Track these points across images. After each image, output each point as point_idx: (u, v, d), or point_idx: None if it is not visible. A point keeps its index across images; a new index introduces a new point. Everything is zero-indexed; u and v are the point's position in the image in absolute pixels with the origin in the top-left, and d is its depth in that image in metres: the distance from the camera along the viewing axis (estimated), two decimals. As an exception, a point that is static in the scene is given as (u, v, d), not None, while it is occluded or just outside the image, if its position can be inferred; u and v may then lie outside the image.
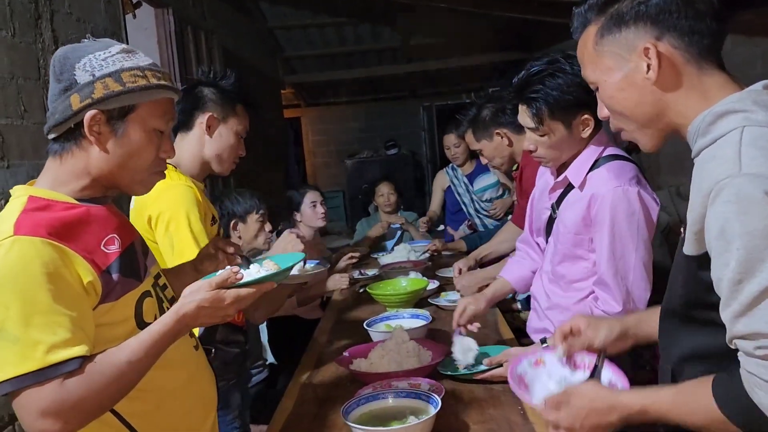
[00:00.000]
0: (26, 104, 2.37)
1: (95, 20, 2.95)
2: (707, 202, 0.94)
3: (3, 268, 1.08)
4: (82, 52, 1.21)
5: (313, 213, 3.42)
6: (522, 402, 1.66)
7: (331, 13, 6.44)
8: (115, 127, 1.21)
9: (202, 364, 1.47)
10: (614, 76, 1.10)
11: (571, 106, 1.73)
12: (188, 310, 1.17)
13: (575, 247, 1.82)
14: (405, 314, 2.37)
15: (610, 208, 1.69)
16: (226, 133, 1.98)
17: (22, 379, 1.05)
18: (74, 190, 1.24)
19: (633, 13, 1.06)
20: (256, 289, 1.22)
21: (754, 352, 0.90)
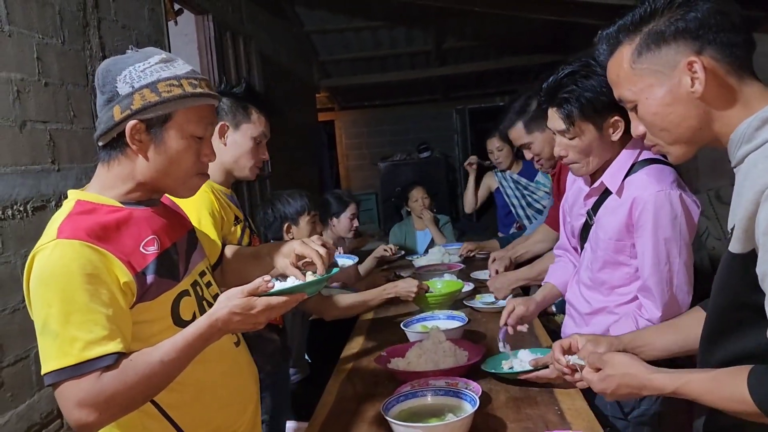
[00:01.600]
0: (75, 110, 2.46)
1: (140, 27, 3.04)
2: (760, 199, 0.96)
3: (46, 269, 1.17)
4: (123, 64, 1.28)
5: (349, 225, 3.49)
6: (559, 402, 1.68)
7: (367, 17, 6.50)
8: (154, 135, 1.28)
9: (243, 360, 1.52)
10: (657, 93, 1.11)
11: (603, 107, 1.72)
12: (221, 315, 1.23)
13: (617, 254, 1.81)
14: (441, 315, 2.40)
15: (653, 212, 1.68)
16: (240, 139, 2.03)
17: (61, 372, 1.14)
18: (120, 193, 1.32)
19: (672, 30, 1.08)
20: (288, 299, 1.25)
21: None
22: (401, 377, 1.83)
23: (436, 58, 7.79)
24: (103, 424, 1.19)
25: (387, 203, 8.68)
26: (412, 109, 9.60)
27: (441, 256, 3.75)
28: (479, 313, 2.64)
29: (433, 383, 1.69)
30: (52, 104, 2.32)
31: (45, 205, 2.23)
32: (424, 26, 6.91)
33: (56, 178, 2.31)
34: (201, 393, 1.36)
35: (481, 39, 7.41)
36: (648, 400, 1.82)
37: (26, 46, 2.19)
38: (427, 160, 9.11)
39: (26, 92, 2.17)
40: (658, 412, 1.83)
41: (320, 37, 7.06)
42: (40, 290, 1.18)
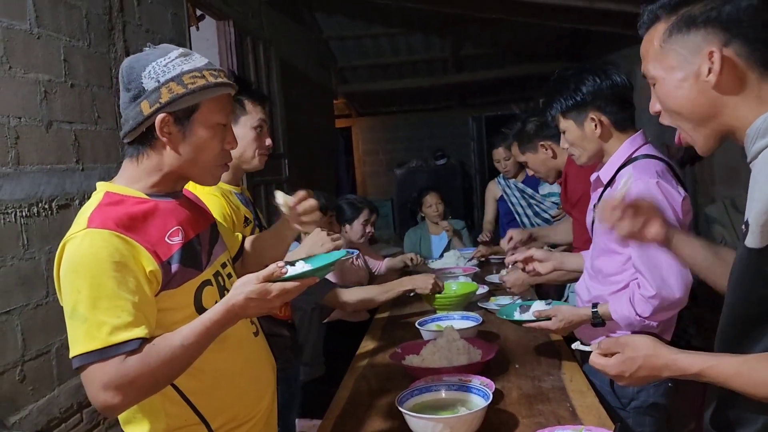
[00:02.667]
0: (99, 111, 2.52)
1: (163, 31, 3.11)
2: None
3: (76, 257, 1.22)
4: (145, 60, 1.33)
5: (362, 231, 3.52)
6: (571, 399, 1.70)
7: (385, 24, 6.55)
8: (183, 126, 1.33)
9: (261, 350, 1.56)
10: (675, 75, 1.14)
11: (576, 107, 1.95)
12: (237, 301, 1.26)
13: (609, 242, 1.90)
14: (455, 315, 2.43)
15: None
16: (241, 132, 2.04)
17: (88, 355, 1.18)
18: (147, 185, 1.36)
19: (704, 17, 1.10)
20: (300, 283, 1.30)
21: None
22: (415, 374, 1.86)
23: (453, 65, 7.83)
24: (127, 406, 1.24)
25: (402, 209, 8.70)
26: (429, 115, 9.64)
27: (456, 259, 3.78)
28: (493, 315, 2.65)
29: (447, 379, 1.72)
30: (77, 105, 2.38)
31: (69, 204, 2.29)
32: (442, 33, 6.95)
33: (80, 178, 2.37)
34: (221, 380, 1.40)
35: (497, 46, 7.44)
36: (646, 391, 1.86)
37: (54, 48, 2.26)
38: (443, 167, 9.13)
39: (53, 93, 2.24)
40: (656, 403, 1.86)
41: (338, 44, 7.13)
42: (70, 276, 1.22)
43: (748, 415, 1.10)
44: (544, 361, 2.04)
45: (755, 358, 1.06)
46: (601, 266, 1.97)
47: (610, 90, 1.91)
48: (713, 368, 1.09)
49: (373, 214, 3.63)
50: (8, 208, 1.99)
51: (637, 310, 1.76)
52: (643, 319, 1.76)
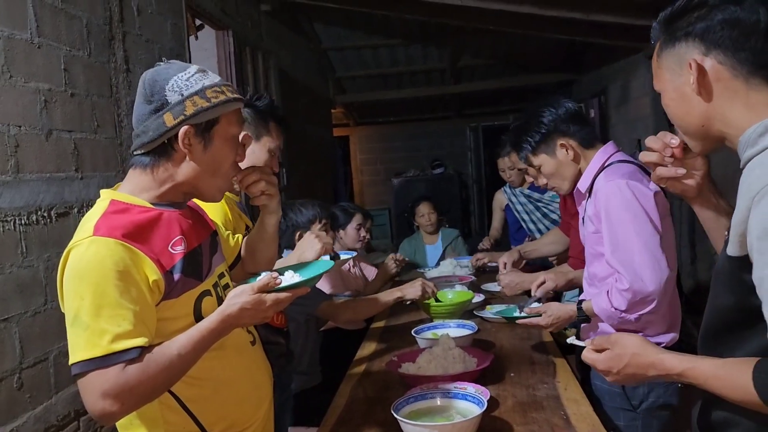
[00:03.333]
0: (99, 120, 2.53)
1: (162, 41, 3.14)
2: (751, 204, 1.00)
3: (81, 264, 1.23)
4: (167, 74, 1.36)
5: (356, 235, 3.53)
6: (565, 407, 1.71)
7: (384, 35, 6.59)
8: (204, 138, 1.36)
9: (259, 358, 1.58)
10: (669, 87, 1.20)
11: (544, 141, 2.06)
12: (232, 311, 1.29)
13: (596, 245, 1.96)
14: (451, 324, 2.44)
15: (603, 201, 1.87)
16: (259, 150, 2.10)
17: (89, 363, 1.19)
18: (154, 195, 1.38)
19: (684, 32, 1.15)
20: (292, 293, 1.35)
21: None
22: (411, 381, 1.87)
23: (451, 75, 7.87)
24: (124, 414, 1.25)
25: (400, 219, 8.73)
26: (427, 125, 9.68)
27: (452, 268, 3.80)
28: (489, 323, 2.68)
29: (443, 386, 1.73)
30: (77, 114, 2.39)
31: (68, 212, 2.30)
32: (440, 44, 7.00)
33: (79, 186, 2.38)
34: (219, 388, 1.41)
35: (495, 57, 7.49)
36: (656, 392, 1.88)
37: (54, 57, 2.28)
38: (441, 177, 9.17)
39: (53, 102, 2.25)
40: (667, 403, 1.88)
41: (337, 54, 7.17)
42: (74, 283, 1.23)
43: (732, 416, 1.12)
44: (539, 370, 2.06)
45: (733, 361, 1.08)
46: (594, 271, 2.02)
47: (566, 114, 2.03)
48: (694, 369, 1.12)
49: (366, 218, 3.65)
50: (7, 216, 2.00)
51: (613, 303, 1.82)
52: (619, 311, 1.81)
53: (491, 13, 4.83)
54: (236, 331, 1.43)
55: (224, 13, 3.96)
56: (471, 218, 9.85)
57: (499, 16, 4.91)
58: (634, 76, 5.73)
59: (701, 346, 1.22)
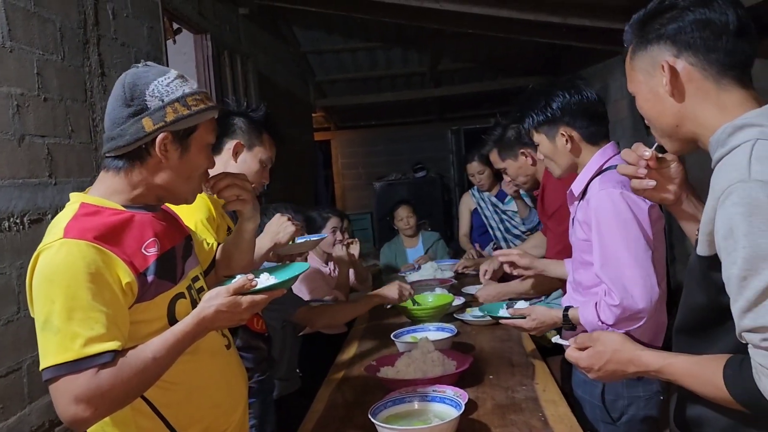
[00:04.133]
0: (73, 124, 2.50)
1: (138, 45, 3.11)
2: (717, 204, 1.01)
3: (52, 267, 1.21)
4: (147, 78, 1.35)
5: (332, 238, 3.52)
6: (543, 409, 1.71)
7: (364, 38, 6.59)
8: (181, 145, 1.36)
9: (234, 363, 1.57)
10: (642, 89, 1.22)
11: (547, 122, 1.98)
12: (207, 313, 1.29)
13: (584, 254, 1.92)
14: (431, 327, 2.44)
15: (595, 211, 1.81)
16: (250, 160, 2.11)
17: (60, 367, 1.17)
18: (126, 198, 1.37)
19: (656, 34, 1.16)
20: (268, 295, 1.34)
21: (761, 344, 0.97)
22: (390, 385, 1.86)
23: (432, 79, 7.89)
24: (97, 419, 1.23)
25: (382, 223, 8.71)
26: (408, 129, 9.69)
27: (433, 271, 3.80)
28: (469, 326, 2.68)
29: (421, 390, 1.73)
30: (50, 119, 2.36)
31: (41, 218, 2.27)
32: (420, 48, 7.01)
33: (53, 192, 2.34)
34: (193, 393, 1.40)
35: (475, 61, 7.52)
36: (636, 404, 1.87)
37: (27, 61, 2.24)
38: (423, 180, 9.18)
39: (26, 107, 2.22)
40: (648, 416, 1.87)
41: (317, 57, 7.16)
42: (44, 286, 1.21)
43: (707, 413, 1.12)
44: (519, 372, 2.06)
45: (707, 358, 1.10)
46: (580, 279, 1.98)
47: (578, 105, 1.94)
48: (670, 366, 1.15)
49: (342, 221, 3.63)
50: (-21, 223, 1.97)
51: (600, 316, 1.78)
52: (605, 326, 1.78)
53: (470, 17, 4.86)
54: (211, 335, 1.41)
55: (202, 16, 3.94)
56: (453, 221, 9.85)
57: (478, 19, 4.93)
58: (611, 79, 5.78)
59: (675, 344, 1.24)
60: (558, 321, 1.95)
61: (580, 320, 1.86)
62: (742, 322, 0.99)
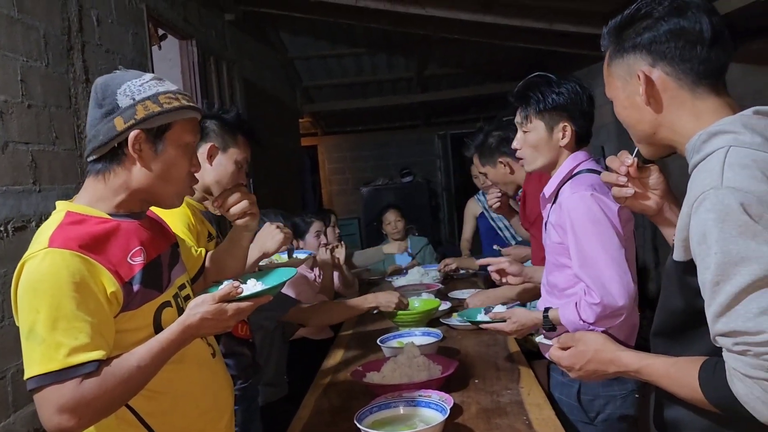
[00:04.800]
0: (58, 131, 2.49)
1: (123, 51, 3.10)
2: (691, 211, 1.03)
3: (36, 276, 1.21)
4: (120, 79, 1.36)
5: (315, 243, 3.53)
6: (528, 413, 1.72)
7: (350, 44, 6.61)
8: (155, 144, 1.35)
9: (219, 371, 1.56)
10: (620, 95, 1.23)
11: (555, 111, 1.94)
12: (192, 321, 1.28)
13: (559, 256, 1.94)
14: (417, 332, 2.45)
15: (568, 214, 1.83)
16: (225, 162, 2.11)
17: (44, 377, 1.17)
18: (111, 206, 1.37)
19: (631, 43, 1.18)
20: (253, 302, 1.34)
21: (733, 348, 0.98)
22: (376, 390, 1.87)
23: (418, 84, 7.92)
24: (81, 428, 1.22)
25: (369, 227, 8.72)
26: (395, 134, 9.71)
27: (420, 276, 3.81)
28: (455, 331, 2.69)
29: (406, 395, 1.73)
30: (34, 126, 2.35)
31: (25, 226, 2.26)
32: (406, 53, 7.03)
33: (37, 199, 2.33)
34: (178, 401, 1.39)
35: (462, 66, 7.55)
36: (613, 404, 1.89)
37: (10, 68, 2.23)
38: (410, 185, 9.20)
39: (9, 114, 2.21)
40: (624, 415, 1.90)
41: (303, 63, 7.16)
42: (28, 296, 1.21)
43: (686, 415, 1.14)
44: (504, 376, 2.07)
45: (684, 360, 1.12)
46: (555, 281, 2.00)
47: (587, 104, 1.96)
48: (649, 367, 1.17)
49: (325, 224, 3.64)
50: (-38, 230, 1.96)
51: (581, 315, 1.81)
52: (586, 324, 1.81)
53: (456, 23, 4.89)
54: (196, 343, 1.41)
55: (187, 22, 3.93)
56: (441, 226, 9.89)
57: (464, 25, 4.96)
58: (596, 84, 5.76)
59: (653, 347, 1.26)
60: (538, 323, 1.97)
61: (560, 320, 1.89)
62: (715, 327, 1.01)
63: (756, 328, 0.94)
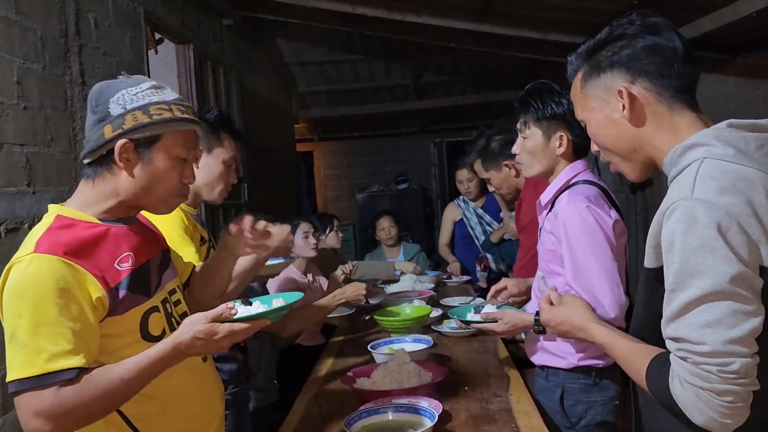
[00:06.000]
0: (53, 134, 2.50)
1: (120, 55, 3.11)
2: (662, 219, 1.07)
3: (21, 281, 1.22)
4: (116, 87, 1.37)
5: (305, 244, 3.52)
6: (516, 420, 1.73)
7: (347, 50, 6.63)
8: (142, 154, 1.36)
9: (210, 376, 1.56)
10: (597, 115, 1.25)
11: (553, 120, 1.97)
12: (184, 339, 1.27)
13: (551, 264, 1.95)
14: (408, 339, 2.45)
15: (563, 224, 1.85)
16: (212, 163, 2.11)
17: (24, 382, 1.18)
18: (100, 210, 1.37)
19: (608, 61, 1.21)
20: (250, 325, 1.30)
21: (677, 353, 1.04)
22: (366, 396, 1.87)
23: (414, 91, 7.94)
24: None
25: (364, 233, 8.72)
26: (390, 141, 9.73)
27: (412, 283, 3.82)
28: (446, 338, 2.70)
29: (396, 401, 1.74)
30: (30, 128, 2.36)
31: (19, 227, 2.26)
32: (403, 60, 7.06)
33: (31, 201, 2.34)
34: (168, 406, 1.39)
35: (458, 74, 7.58)
36: (594, 409, 1.91)
37: (7, 69, 2.24)
38: (405, 192, 9.21)
39: (5, 115, 2.21)
40: (605, 420, 1.91)
41: (300, 69, 7.18)
42: (12, 301, 1.22)
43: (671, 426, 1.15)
44: (494, 383, 2.08)
45: (643, 348, 1.17)
46: (545, 288, 2.01)
47: None
48: (612, 345, 1.27)
49: (329, 229, 3.64)
50: (-45, 231, 1.96)
51: None
52: None
53: (452, 32, 4.91)
54: None
55: (185, 26, 3.95)
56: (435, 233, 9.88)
57: (460, 34, 4.99)
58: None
59: None
60: (529, 324, 1.98)
61: None
62: (666, 330, 1.06)
63: (698, 339, 1.00)
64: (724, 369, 0.98)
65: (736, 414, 1.01)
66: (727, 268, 0.98)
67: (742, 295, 0.98)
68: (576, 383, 1.93)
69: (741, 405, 1.01)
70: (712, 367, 0.99)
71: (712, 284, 0.98)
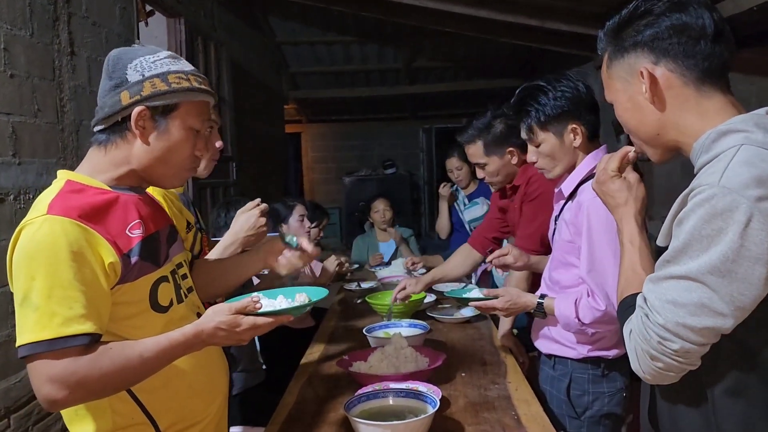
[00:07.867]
0: (40, 104, 2.42)
1: (110, 25, 3.02)
2: (687, 200, 1.02)
3: (33, 243, 1.18)
4: (134, 54, 1.34)
5: (300, 227, 3.45)
6: (516, 407, 1.70)
7: (340, 32, 6.55)
8: (158, 122, 1.33)
9: (215, 352, 1.53)
10: (621, 97, 1.19)
11: (558, 117, 1.89)
12: (206, 327, 1.26)
13: (567, 255, 1.92)
14: (403, 323, 2.41)
15: (587, 216, 1.80)
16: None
17: (36, 345, 1.15)
18: (111, 177, 1.34)
19: (632, 41, 1.14)
20: (273, 320, 1.30)
21: (639, 308, 1.08)
22: (362, 380, 1.83)
23: (406, 76, 7.88)
24: (70, 403, 1.21)
25: (351, 218, 8.68)
26: (380, 125, 9.68)
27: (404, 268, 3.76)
28: (441, 324, 2.66)
29: (395, 386, 1.70)
30: (16, 96, 2.28)
31: (4, 198, 2.19)
32: (396, 44, 6.99)
33: (16, 172, 2.26)
34: (172, 380, 1.36)
35: (452, 60, 7.53)
36: (600, 401, 1.89)
37: (-6, 34, 2.16)
38: (392, 177, 9.19)
39: (-10, 82, 2.13)
40: (611, 412, 1.89)
41: (291, 49, 7.09)
42: (25, 262, 1.18)
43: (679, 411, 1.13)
44: (491, 370, 2.05)
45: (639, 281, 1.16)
46: (558, 278, 1.98)
47: (586, 96, 1.89)
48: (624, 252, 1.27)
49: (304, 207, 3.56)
50: (-63, 201, 1.89)
51: (579, 314, 1.81)
52: (581, 323, 1.81)
53: (449, 16, 4.85)
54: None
55: (176, 0, 3.85)
56: (422, 219, 9.89)
57: (457, 19, 4.93)
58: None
59: None
60: (530, 306, 1.97)
61: (554, 311, 1.89)
62: (645, 287, 1.08)
63: (658, 309, 1.03)
64: (664, 343, 1.02)
65: (663, 379, 1.07)
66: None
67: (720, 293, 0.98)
68: (584, 373, 1.91)
69: (672, 375, 1.06)
70: (656, 336, 1.03)
71: (696, 270, 0.98)
